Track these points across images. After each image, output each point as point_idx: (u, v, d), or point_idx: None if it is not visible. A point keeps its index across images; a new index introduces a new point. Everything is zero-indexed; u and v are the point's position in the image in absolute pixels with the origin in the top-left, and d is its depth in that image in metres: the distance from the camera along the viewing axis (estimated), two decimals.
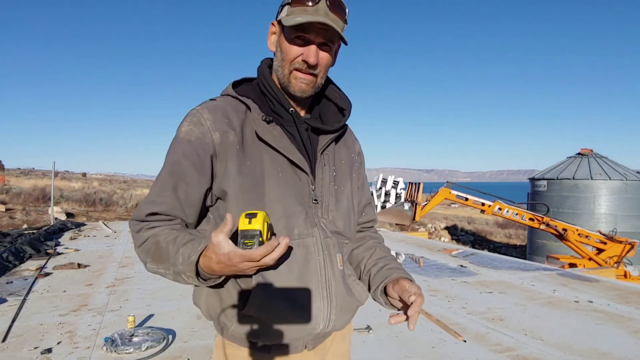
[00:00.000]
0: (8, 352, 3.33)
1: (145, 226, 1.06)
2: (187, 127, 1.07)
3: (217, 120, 1.07)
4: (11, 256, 6.80)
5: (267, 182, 1.07)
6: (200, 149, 1.05)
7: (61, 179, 29.22)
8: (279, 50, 1.11)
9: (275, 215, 1.07)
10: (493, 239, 23.74)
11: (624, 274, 9.17)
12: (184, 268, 0.98)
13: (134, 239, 1.08)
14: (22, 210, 14.49)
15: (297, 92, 1.11)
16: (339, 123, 1.20)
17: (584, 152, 16.56)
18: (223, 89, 1.19)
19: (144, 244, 1.05)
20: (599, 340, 3.70)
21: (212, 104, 1.11)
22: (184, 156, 1.05)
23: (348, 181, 1.24)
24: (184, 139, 1.06)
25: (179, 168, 1.05)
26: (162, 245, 1.02)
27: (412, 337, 3.72)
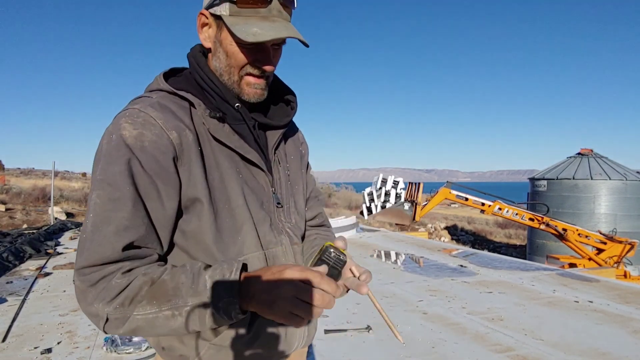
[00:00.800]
0: (8, 352, 3.33)
1: (117, 271, 0.80)
2: (131, 130, 0.84)
3: (168, 118, 0.88)
4: (11, 256, 6.80)
5: (228, 186, 0.93)
6: (159, 153, 0.85)
7: (61, 178, 29.23)
8: (221, 51, 0.94)
9: (245, 224, 0.94)
10: (493, 239, 23.74)
11: (624, 274, 9.16)
12: (218, 294, 0.77)
13: (96, 294, 0.79)
14: (22, 210, 14.49)
15: (252, 99, 0.97)
16: (286, 117, 1.07)
17: (584, 152, 16.56)
18: (150, 84, 1.00)
19: (125, 291, 0.79)
20: (599, 340, 3.70)
21: (152, 101, 0.91)
22: (139, 166, 0.84)
23: (300, 178, 1.13)
24: (133, 144, 0.84)
25: (140, 182, 0.83)
26: (164, 278, 0.80)
27: (412, 337, 3.72)
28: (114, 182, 0.82)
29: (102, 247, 0.80)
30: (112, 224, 0.81)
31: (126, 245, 0.81)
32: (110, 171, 0.83)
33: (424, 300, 4.90)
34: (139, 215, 0.83)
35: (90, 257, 0.80)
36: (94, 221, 0.81)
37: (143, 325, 0.79)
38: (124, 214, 0.81)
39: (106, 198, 0.82)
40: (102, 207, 0.82)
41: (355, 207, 24.23)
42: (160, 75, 0.99)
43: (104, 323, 0.80)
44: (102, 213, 0.81)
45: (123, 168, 0.82)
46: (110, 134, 0.86)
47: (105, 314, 0.79)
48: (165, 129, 0.87)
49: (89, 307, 0.80)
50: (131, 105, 0.91)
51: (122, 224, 0.81)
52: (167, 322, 0.79)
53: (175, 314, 0.78)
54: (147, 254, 0.85)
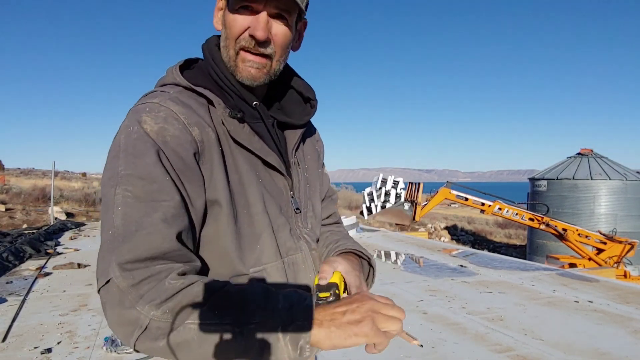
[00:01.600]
0: (8, 352, 3.33)
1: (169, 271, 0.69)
2: (153, 124, 0.78)
3: (190, 114, 0.83)
4: (11, 256, 6.80)
5: (248, 190, 0.87)
6: (182, 149, 0.79)
7: (61, 178, 29.22)
8: (223, 27, 0.89)
9: (264, 232, 0.89)
10: (493, 239, 23.75)
11: (624, 274, 9.17)
12: (292, 316, 0.68)
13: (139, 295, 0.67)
14: (22, 210, 14.49)
15: (245, 79, 0.88)
16: (306, 115, 1.01)
17: (584, 152, 16.56)
18: (164, 77, 0.93)
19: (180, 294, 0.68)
20: (599, 340, 3.70)
21: (171, 95, 0.85)
22: (166, 160, 0.77)
23: (317, 180, 1.08)
24: (156, 139, 0.77)
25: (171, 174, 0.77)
26: (230, 289, 0.70)
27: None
28: (148, 174, 0.74)
29: (149, 236, 0.69)
30: (159, 211, 0.71)
31: (177, 234, 0.72)
32: (141, 164, 0.74)
33: (424, 300, 4.89)
34: (183, 205, 0.75)
35: (138, 247, 0.68)
36: (127, 214, 0.71)
37: (194, 338, 0.66)
38: (171, 202, 0.73)
39: (141, 192, 0.73)
40: (136, 200, 0.72)
41: (355, 207, 24.23)
42: (175, 67, 0.92)
43: (141, 332, 0.66)
44: (141, 204, 0.72)
45: (155, 159, 0.75)
46: (128, 128, 0.79)
47: (149, 319, 0.66)
48: (188, 124, 0.81)
49: (127, 311, 0.66)
50: (148, 99, 0.84)
51: (170, 212, 0.72)
52: (221, 340, 0.66)
53: (236, 330, 0.66)
54: (192, 258, 0.75)
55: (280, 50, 0.89)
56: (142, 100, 0.85)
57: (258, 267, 0.87)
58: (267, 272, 0.88)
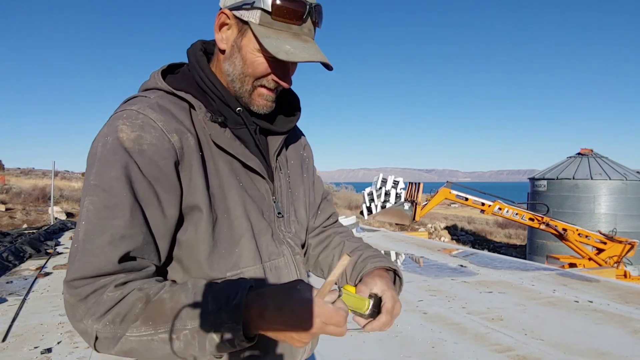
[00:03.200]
0: (8, 352, 3.33)
1: (111, 285, 0.73)
2: (129, 133, 0.79)
3: (169, 120, 0.83)
4: (11, 256, 6.80)
5: (228, 195, 0.88)
6: (159, 157, 0.79)
7: (61, 178, 29.22)
8: (238, 57, 0.88)
9: (244, 236, 0.89)
10: (493, 239, 23.75)
11: (624, 274, 9.17)
12: (221, 318, 0.71)
13: (86, 309, 0.72)
14: (22, 210, 14.49)
15: (261, 111, 0.92)
16: (289, 122, 1.02)
17: (584, 152, 16.56)
18: (148, 81, 0.93)
19: (116, 307, 0.72)
20: (599, 340, 3.70)
21: (150, 101, 0.85)
22: (137, 171, 0.78)
23: (301, 185, 1.09)
24: (131, 148, 0.78)
25: (139, 188, 0.78)
26: (162, 296, 0.73)
27: (412, 337, 3.72)
28: (110, 187, 0.76)
29: (95, 257, 0.73)
30: (107, 233, 0.74)
31: (122, 256, 0.74)
32: (106, 176, 0.76)
33: (424, 300, 4.90)
34: (136, 223, 0.77)
35: (82, 268, 0.73)
36: (86, 229, 0.75)
37: (137, 347, 0.73)
38: (120, 222, 0.75)
39: (101, 205, 0.75)
40: (95, 214, 0.75)
41: (355, 207, 24.23)
42: (158, 72, 0.93)
43: (94, 341, 0.73)
44: (96, 221, 0.75)
45: (120, 173, 0.76)
46: (105, 136, 0.80)
47: (95, 331, 0.72)
48: (166, 131, 0.81)
49: (78, 324, 0.73)
50: (127, 106, 0.84)
51: (118, 232, 0.74)
52: (164, 346, 0.72)
53: (173, 337, 0.72)
54: (144, 265, 0.78)
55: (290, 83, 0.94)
56: (121, 107, 0.85)
57: (235, 271, 0.89)
58: (245, 276, 0.89)
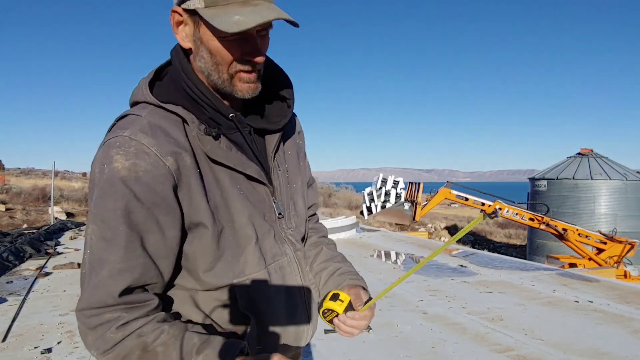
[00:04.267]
0: (8, 352, 3.33)
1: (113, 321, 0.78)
2: (124, 162, 0.79)
3: (161, 142, 0.82)
4: (11, 256, 6.80)
5: (231, 205, 0.89)
6: (156, 183, 0.80)
7: (61, 178, 29.22)
8: (204, 50, 0.86)
9: (249, 244, 0.91)
10: (493, 239, 23.75)
11: (624, 274, 9.17)
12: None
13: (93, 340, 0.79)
14: (22, 210, 14.49)
15: (246, 95, 0.89)
16: (284, 117, 1.00)
17: (584, 152, 16.56)
18: (135, 91, 0.92)
19: (116, 349, 0.78)
20: (599, 340, 3.70)
21: (142, 122, 0.84)
22: (137, 200, 0.79)
23: (299, 174, 1.08)
24: (126, 177, 0.78)
25: (137, 217, 0.79)
26: (157, 349, 0.78)
27: (412, 337, 3.72)
28: (107, 220, 0.78)
29: (98, 290, 0.78)
30: (106, 267, 0.78)
31: (123, 290, 0.78)
32: (103, 207, 0.79)
33: (424, 300, 4.90)
34: (132, 256, 0.79)
35: (88, 299, 0.78)
36: (90, 260, 0.80)
37: None
38: (116, 257, 0.78)
39: (99, 236, 0.79)
40: (96, 245, 0.79)
41: (355, 207, 24.23)
42: (145, 83, 0.91)
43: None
44: (97, 252, 0.79)
45: (116, 205, 0.78)
46: (101, 164, 0.81)
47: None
48: (161, 155, 0.81)
49: (89, 349, 0.80)
50: (119, 131, 0.83)
51: (115, 267, 0.78)
52: None
53: None
54: (146, 299, 0.82)
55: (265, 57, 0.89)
56: (114, 132, 0.84)
57: (242, 277, 0.91)
58: (251, 281, 0.93)
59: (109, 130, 0.88)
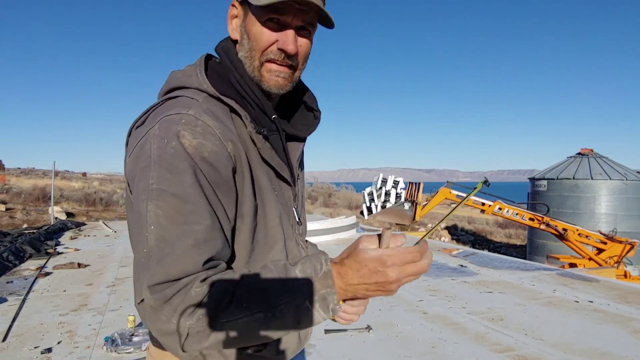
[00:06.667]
0: (8, 352, 3.33)
1: (196, 281, 0.74)
2: (191, 140, 0.78)
3: (222, 127, 0.83)
4: (11, 256, 6.80)
5: (267, 204, 0.90)
6: (220, 165, 0.81)
7: (61, 178, 29.22)
8: (245, 37, 0.89)
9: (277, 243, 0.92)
10: (493, 239, 23.74)
11: (624, 274, 9.16)
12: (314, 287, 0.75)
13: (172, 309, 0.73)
14: (22, 209, 14.49)
15: (272, 89, 0.90)
16: (311, 127, 1.03)
17: (584, 152, 16.56)
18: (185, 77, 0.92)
19: (206, 300, 0.74)
20: (599, 340, 3.70)
21: (203, 106, 0.85)
22: (203, 177, 0.78)
23: (302, 183, 1.10)
24: (194, 154, 0.78)
25: (209, 193, 0.79)
26: (249, 282, 0.76)
27: (412, 336, 3.72)
28: (183, 194, 0.76)
29: (181, 262, 0.74)
30: (190, 238, 0.75)
31: (206, 260, 0.76)
32: (176, 182, 0.76)
33: (424, 300, 4.90)
34: (215, 227, 0.79)
35: (166, 272, 0.73)
36: (160, 235, 0.75)
37: (232, 333, 0.75)
38: (202, 227, 0.76)
39: (173, 211, 0.75)
40: (170, 220, 0.75)
41: (355, 207, 24.22)
42: (201, 71, 0.91)
43: (184, 339, 0.73)
44: (173, 226, 0.75)
45: (193, 180, 0.77)
46: (161, 139, 0.78)
47: (187, 328, 0.73)
48: (224, 140, 0.82)
49: (165, 325, 0.73)
50: (182, 109, 0.82)
51: (201, 237, 0.76)
52: (259, 326, 0.75)
53: (269, 315, 0.74)
54: (219, 263, 0.80)
55: (303, 60, 0.91)
56: (174, 109, 0.83)
57: None
58: None
59: (154, 108, 0.87)
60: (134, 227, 0.81)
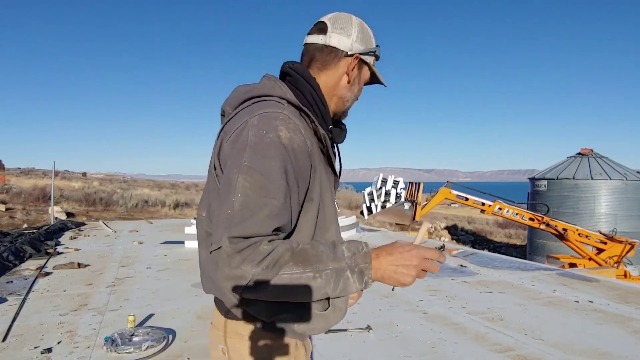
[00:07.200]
0: (8, 352, 3.33)
1: (264, 240, 0.94)
2: (287, 133, 1.00)
3: (305, 128, 1.08)
4: (11, 256, 6.80)
5: (325, 194, 1.12)
6: (303, 157, 1.03)
7: (61, 178, 29.21)
8: (356, 86, 1.23)
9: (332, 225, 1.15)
10: (493, 238, 23.74)
11: (624, 274, 9.16)
12: (357, 261, 0.97)
13: (242, 258, 0.90)
14: (22, 209, 14.48)
15: (343, 119, 1.29)
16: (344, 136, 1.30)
17: (584, 152, 16.55)
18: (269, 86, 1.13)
19: (271, 255, 0.92)
20: (599, 340, 3.70)
21: (290, 110, 1.07)
22: (290, 165, 0.99)
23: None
24: (287, 145, 0.99)
25: (290, 178, 0.99)
26: (305, 247, 0.96)
27: (412, 336, 3.72)
28: (269, 174, 0.96)
29: (257, 225, 0.93)
30: (267, 208, 0.94)
31: (275, 228, 0.95)
32: (266, 164, 0.96)
33: (424, 300, 4.90)
34: (287, 206, 0.98)
35: (244, 230, 0.92)
36: (244, 202, 0.94)
37: (284, 286, 0.92)
38: (277, 202, 0.96)
39: (258, 185, 0.95)
40: (253, 191, 0.95)
41: (356, 207, 24.22)
42: (282, 85, 1.14)
43: (246, 284, 0.91)
44: (255, 197, 0.94)
45: (280, 164, 0.97)
46: (260, 129, 0.99)
47: (252, 274, 0.90)
48: (306, 137, 1.05)
49: (234, 270, 0.90)
50: (277, 109, 1.05)
51: (275, 211, 0.95)
52: (307, 283, 0.93)
53: (316, 276, 0.94)
54: (282, 237, 0.99)
55: None
56: (269, 108, 1.05)
57: None
58: None
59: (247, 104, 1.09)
60: (221, 192, 1.00)
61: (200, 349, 3.37)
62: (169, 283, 5.57)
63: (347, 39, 1.18)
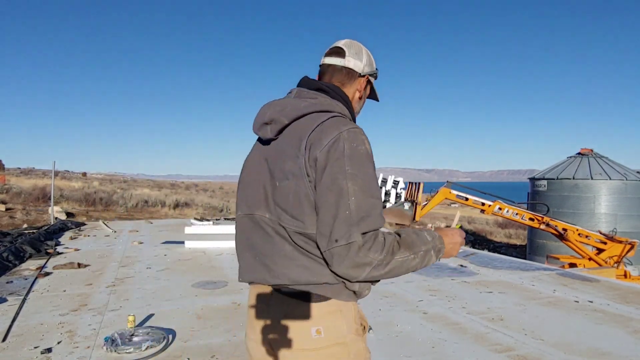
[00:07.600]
0: (8, 352, 3.33)
1: (379, 233, 1.20)
2: (369, 146, 1.27)
3: None
4: (11, 256, 6.80)
5: None
6: (374, 165, 1.28)
7: (61, 178, 29.21)
8: (363, 99, 1.52)
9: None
10: (493, 238, 23.75)
11: (624, 274, 9.16)
12: (436, 243, 1.28)
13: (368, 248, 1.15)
14: (22, 209, 14.49)
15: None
16: None
17: (584, 152, 16.54)
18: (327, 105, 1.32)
19: (387, 244, 1.19)
20: (599, 340, 3.70)
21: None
22: (374, 170, 1.26)
23: None
24: (371, 155, 1.26)
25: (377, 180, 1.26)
26: (404, 236, 1.24)
27: (412, 337, 3.72)
28: (370, 179, 1.21)
29: (375, 221, 1.18)
30: (377, 209, 1.20)
31: (382, 225, 1.22)
32: (365, 171, 1.20)
33: (424, 300, 4.90)
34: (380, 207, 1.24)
35: (369, 226, 1.16)
36: (358, 203, 1.16)
37: (396, 266, 1.19)
38: (379, 201, 1.23)
39: (365, 189, 1.18)
40: (363, 194, 1.17)
41: None
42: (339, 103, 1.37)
43: (371, 268, 1.15)
44: (365, 198, 1.17)
45: (372, 170, 1.23)
46: (352, 142, 1.21)
47: (375, 260, 1.15)
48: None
49: (362, 258, 1.14)
50: (354, 125, 1.27)
51: (379, 211, 1.21)
52: (410, 262, 1.21)
53: (415, 257, 1.22)
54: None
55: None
56: (349, 124, 1.26)
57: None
58: None
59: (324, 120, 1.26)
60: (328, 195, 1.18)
61: (200, 349, 3.37)
62: (169, 283, 5.57)
63: (360, 63, 1.45)
